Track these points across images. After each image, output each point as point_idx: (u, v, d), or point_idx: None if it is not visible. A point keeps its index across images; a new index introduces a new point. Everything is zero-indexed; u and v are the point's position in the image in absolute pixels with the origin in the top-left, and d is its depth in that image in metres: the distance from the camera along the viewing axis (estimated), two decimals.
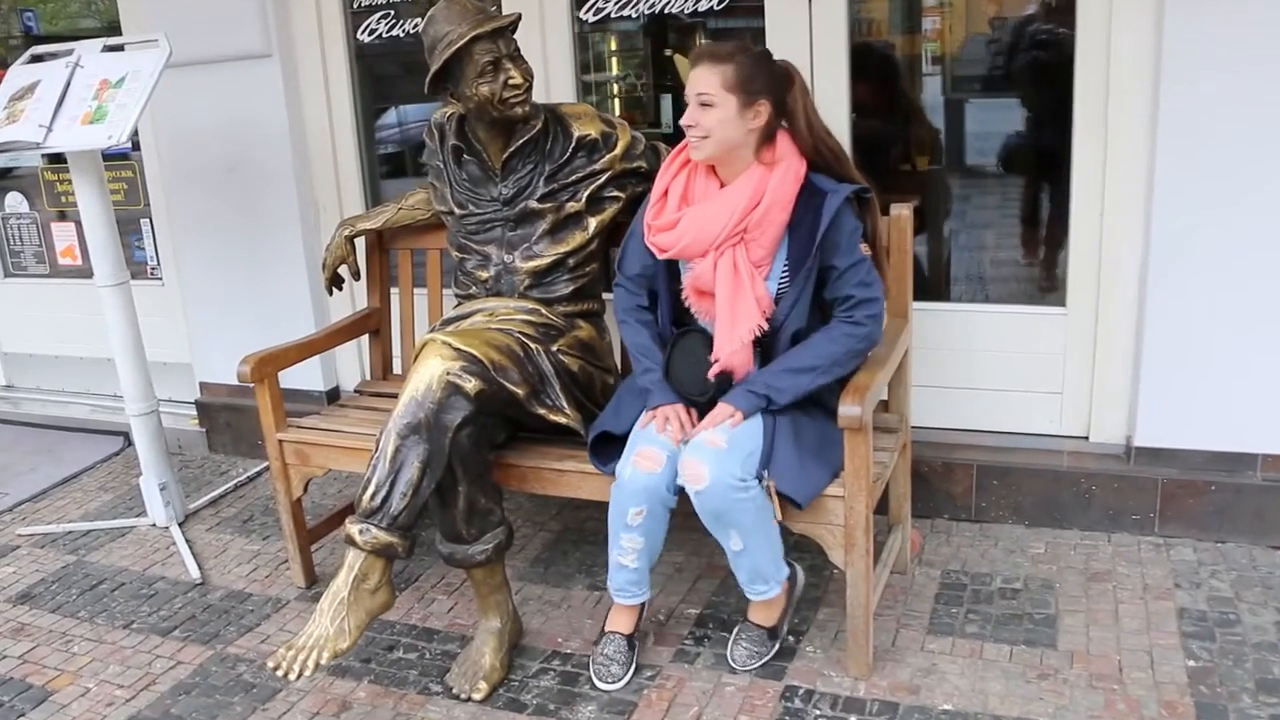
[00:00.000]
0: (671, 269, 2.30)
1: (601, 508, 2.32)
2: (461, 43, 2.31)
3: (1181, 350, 2.61)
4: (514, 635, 2.43)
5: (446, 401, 2.16)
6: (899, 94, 3.06)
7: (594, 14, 3.06)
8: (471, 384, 2.18)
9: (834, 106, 2.81)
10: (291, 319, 3.52)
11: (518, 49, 2.41)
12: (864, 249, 2.18)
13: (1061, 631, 2.36)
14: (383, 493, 2.14)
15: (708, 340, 2.24)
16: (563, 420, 2.37)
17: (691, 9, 2.95)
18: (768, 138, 2.15)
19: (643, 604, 2.37)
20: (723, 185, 2.20)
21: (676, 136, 3.19)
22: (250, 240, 3.53)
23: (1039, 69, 2.87)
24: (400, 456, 2.14)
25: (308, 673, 2.04)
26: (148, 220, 3.93)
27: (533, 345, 2.38)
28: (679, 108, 3.20)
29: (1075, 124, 2.67)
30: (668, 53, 3.19)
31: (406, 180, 3.63)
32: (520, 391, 2.28)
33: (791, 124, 2.17)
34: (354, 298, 3.41)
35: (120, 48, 2.99)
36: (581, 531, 3.03)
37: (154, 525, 3.26)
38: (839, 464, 2.16)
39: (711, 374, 2.21)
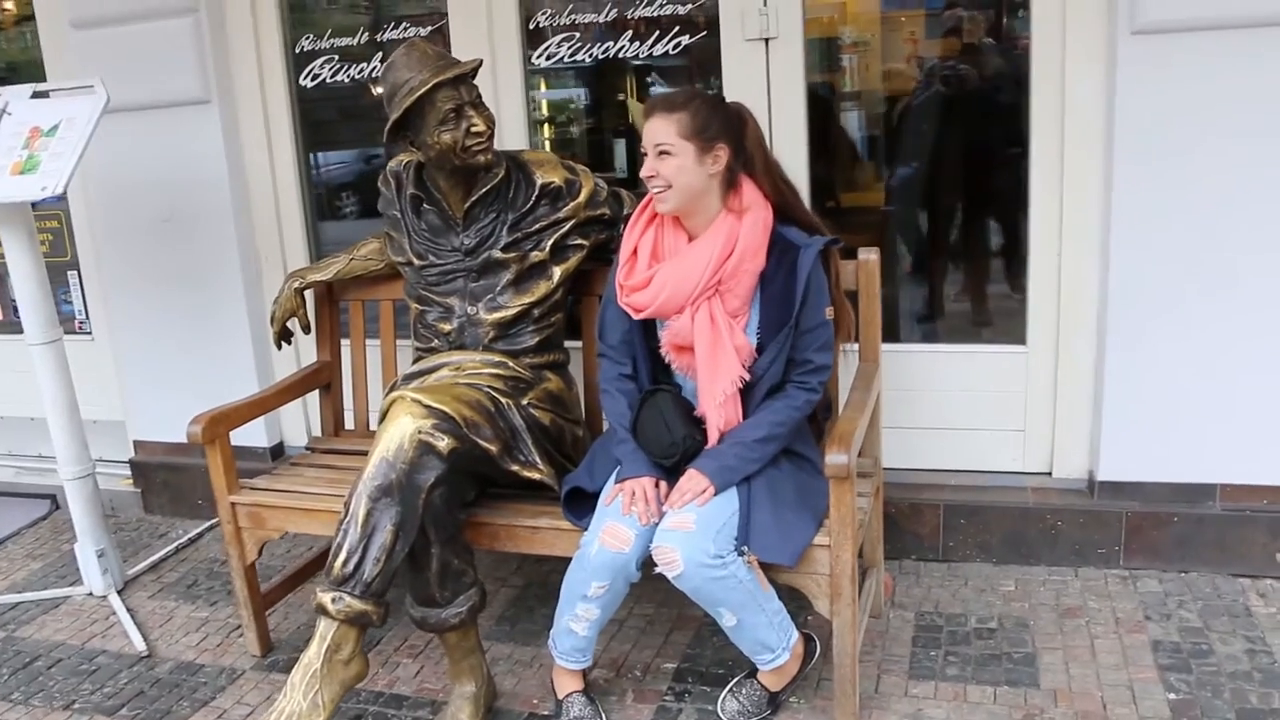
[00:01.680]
0: (647, 328, 2.26)
1: (565, 561, 2.26)
2: (424, 90, 2.25)
3: (1141, 386, 2.66)
4: (489, 698, 2.35)
5: (419, 461, 2.08)
6: (845, 136, 3.09)
7: (546, 59, 3.03)
8: (444, 442, 2.11)
9: (794, 148, 2.82)
10: (233, 374, 3.40)
11: (479, 96, 2.36)
12: (828, 313, 2.18)
13: (1042, 670, 2.36)
14: (355, 559, 2.04)
15: (676, 399, 2.21)
16: (536, 476, 2.31)
17: (646, 53, 2.94)
18: (731, 184, 2.13)
19: (587, 669, 2.31)
20: (691, 239, 2.17)
21: (631, 181, 3.19)
22: (188, 292, 3.40)
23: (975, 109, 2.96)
24: (373, 520, 2.05)
25: None
26: (75, 272, 3.76)
27: (503, 400, 2.31)
28: (632, 152, 3.20)
29: (1032, 164, 2.72)
30: (621, 98, 3.18)
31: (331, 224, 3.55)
32: (493, 448, 2.22)
33: (750, 167, 2.16)
34: (299, 352, 3.30)
35: (45, 94, 2.86)
36: (546, 586, 2.95)
37: (90, 594, 3.08)
38: (822, 511, 2.14)
39: (713, 432, 2.17)
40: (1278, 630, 2.45)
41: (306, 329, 2.84)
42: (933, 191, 3.11)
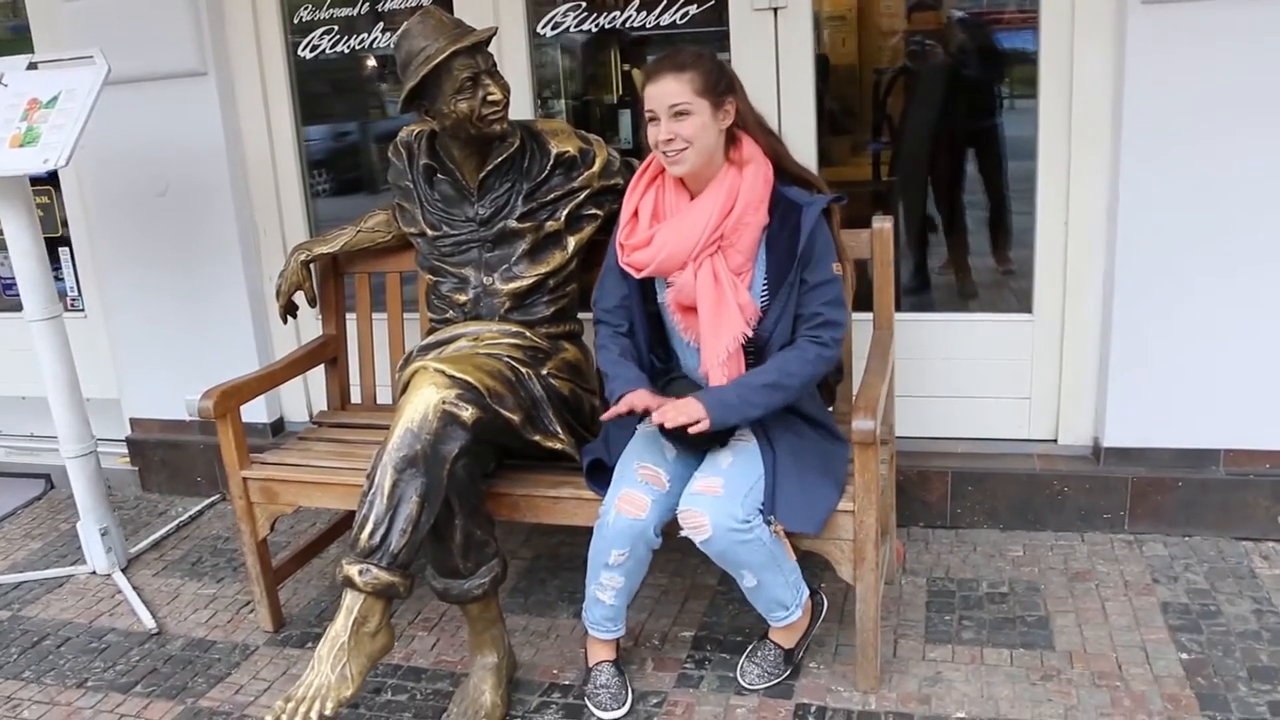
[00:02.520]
0: (646, 292, 2.25)
1: (573, 532, 2.27)
2: (440, 58, 2.23)
3: (1146, 353, 2.69)
4: (510, 669, 2.35)
5: (444, 432, 2.07)
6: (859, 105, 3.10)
7: (552, 29, 3.01)
8: (469, 413, 2.10)
9: (803, 119, 2.82)
10: (232, 350, 3.36)
11: (495, 64, 2.34)
12: (836, 268, 2.16)
13: (1056, 632, 2.40)
14: (381, 530, 2.03)
15: (695, 388, 2.20)
16: (558, 445, 2.30)
17: (653, 23, 2.92)
18: (731, 139, 2.14)
19: (619, 638, 2.32)
20: (693, 198, 2.17)
21: (636, 151, 3.18)
22: (185, 267, 3.36)
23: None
24: (398, 491, 2.04)
25: None
26: (66, 248, 3.70)
27: (523, 370, 2.30)
28: (637, 123, 3.18)
29: (1040, 132, 2.74)
30: (627, 68, 3.16)
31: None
32: (516, 418, 2.21)
33: (744, 121, 2.16)
34: (299, 328, 3.27)
35: (34, 65, 2.80)
36: (556, 558, 2.96)
37: (94, 573, 3.05)
38: (842, 478, 2.16)
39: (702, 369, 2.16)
40: None
41: (313, 302, 2.82)
42: (914, 166, 3.14)
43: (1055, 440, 2.92)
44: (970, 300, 3.11)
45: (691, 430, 2.03)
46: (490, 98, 2.29)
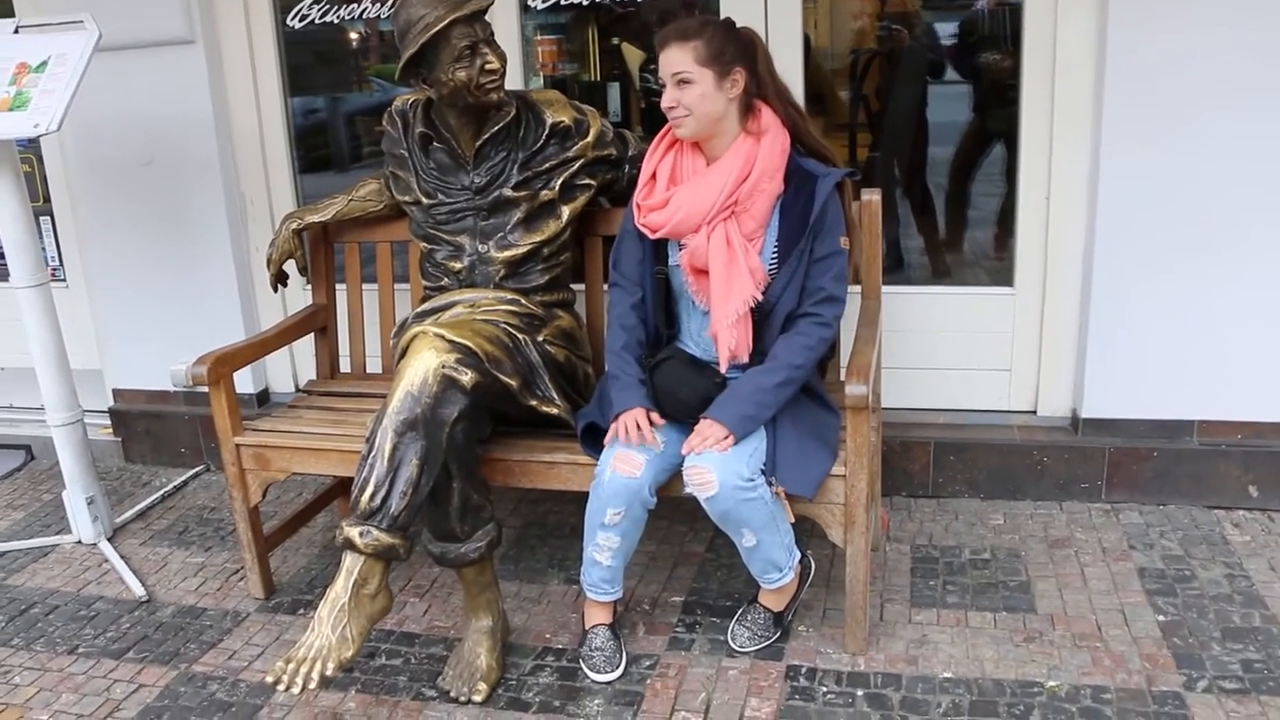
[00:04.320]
0: (658, 254, 2.29)
1: (560, 499, 2.30)
2: (439, 26, 2.24)
3: (1123, 326, 2.76)
4: (504, 633, 2.38)
5: (443, 395, 2.10)
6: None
7: (543, 1, 3.01)
8: (468, 377, 2.12)
9: (790, 84, 2.84)
10: (217, 319, 3.36)
11: (492, 33, 2.35)
12: (844, 242, 2.20)
13: (1037, 596, 2.47)
14: (382, 492, 2.05)
15: (688, 359, 2.26)
16: (554, 411, 2.33)
17: None
18: (748, 107, 2.17)
19: (616, 601, 2.36)
20: (710, 163, 2.20)
21: (625, 123, 3.20)
22: (169, 237, 3.34)
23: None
24: (399, 454, 2.06)
25: (312, 685, 1.95)
26: (48, 217, 3.66)
27: (520, 336, 2.33)
28: (626, 96, 3.21)
29: (1022, 107, 2.79)
30: (615, 41, 3.17)
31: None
32: (514, 383, 2.24)
33: (764, 92, 2.18)
34: (285, 299, 3.27)
35: (20, 29, 2.77)
36: (544, 525, 2.99)
37: (79, 542, 3.04)
38: (834, 444, 2.20)
39: (722, 354, 2.20)
40: (1253, 556, 2.58)
41: (304, 271, 2.82)
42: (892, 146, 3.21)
43: (1034, 411, 2.99)
44: (945, 275, 3.17)
45: (718, 450, 2.08)
46: (488, 66, 2.31)
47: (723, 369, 2.23)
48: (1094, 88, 2.68)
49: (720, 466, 2.07)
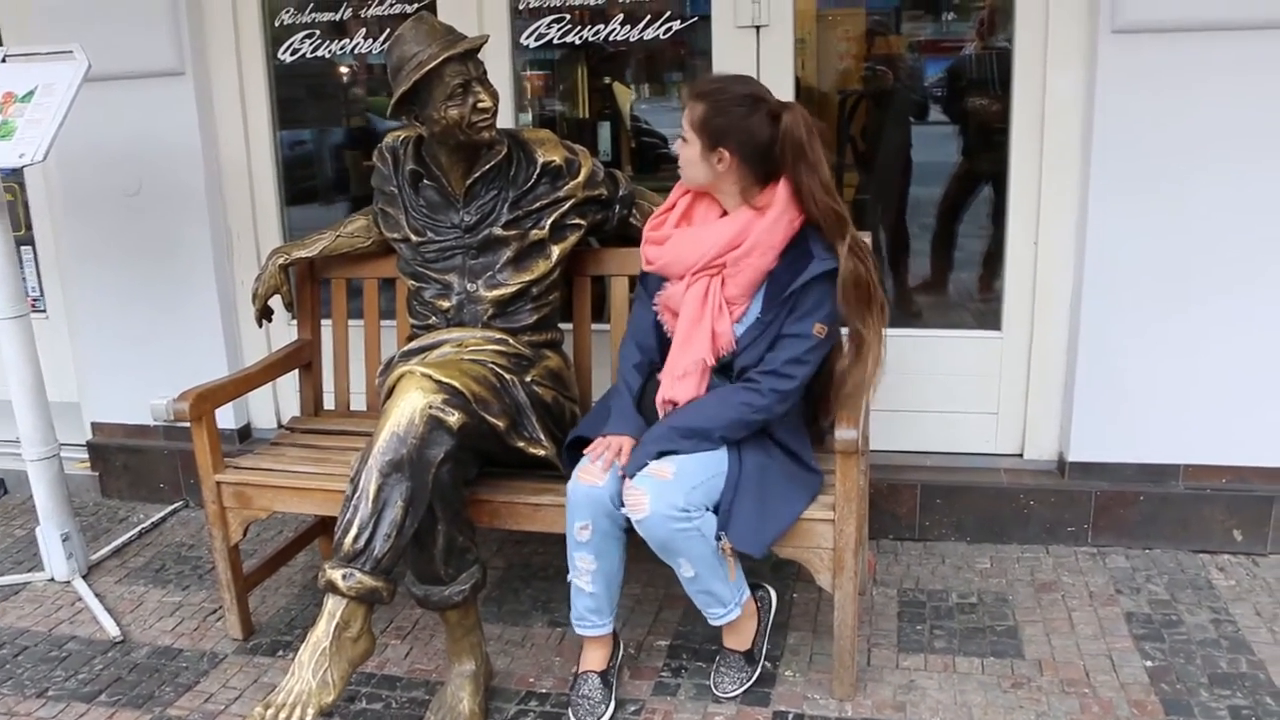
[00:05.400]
0: (657, 285, 2.28)
1: (545, 541, 2.29)
2: (433, 64, 2.24)
3: (1110, 370, 2.77)
4: (487, 677, 2.34)
5: (429, 436, 2.07)
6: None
7: (535, 40, 3.03)
8: (454, 417, 2.10)
9: None
10: (200, 354, 3.33)
11: (485, 72, 2.36)
12: (817, 330, 2.12)
13: (1025, 641, 2.45)
14: (366, 534, 2.02)
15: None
16: (541, 453, 2.31)
17: (636, 37, 2.95)
18: (755, 183, 2.12)
19: (610, 636, 2.31)
20: (723, 215, 2.20)
21: (616, 163, 3.21)
22: (153, 269, 3.31)
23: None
24: (383, 495, 2.03)
25: None
26: (29, 247, 3.62)
27: (507, 376, 2.31)
28: (617, 136, 3.22)
29: (1011, 152, 2.82)
30: (607, 81, 3.19)
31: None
32: (501, 424, 2.22)
33: (788, 170, 2.08)
34: (269, 334, 3.24)
35: (2, 59, 2.76)
36: (529, 566, 2.96)
37: (53, 580, 2.98)
38: (808, 494, 2.18)
39: (658, 400, 2.20)
40: (1238, 601, 2.58)
41: (290, 306, 2.79)
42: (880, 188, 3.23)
43: (1021, 455, 2.99)
44: (932, 317, 3.18)
45: (658, 476, 2.07)
46: (480, 105, 2.31)
47: (660, 413, 2.21)
48: (1082, 135, 2.70)
49: (656, 491, 2.04)
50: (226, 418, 3.39)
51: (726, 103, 2.09)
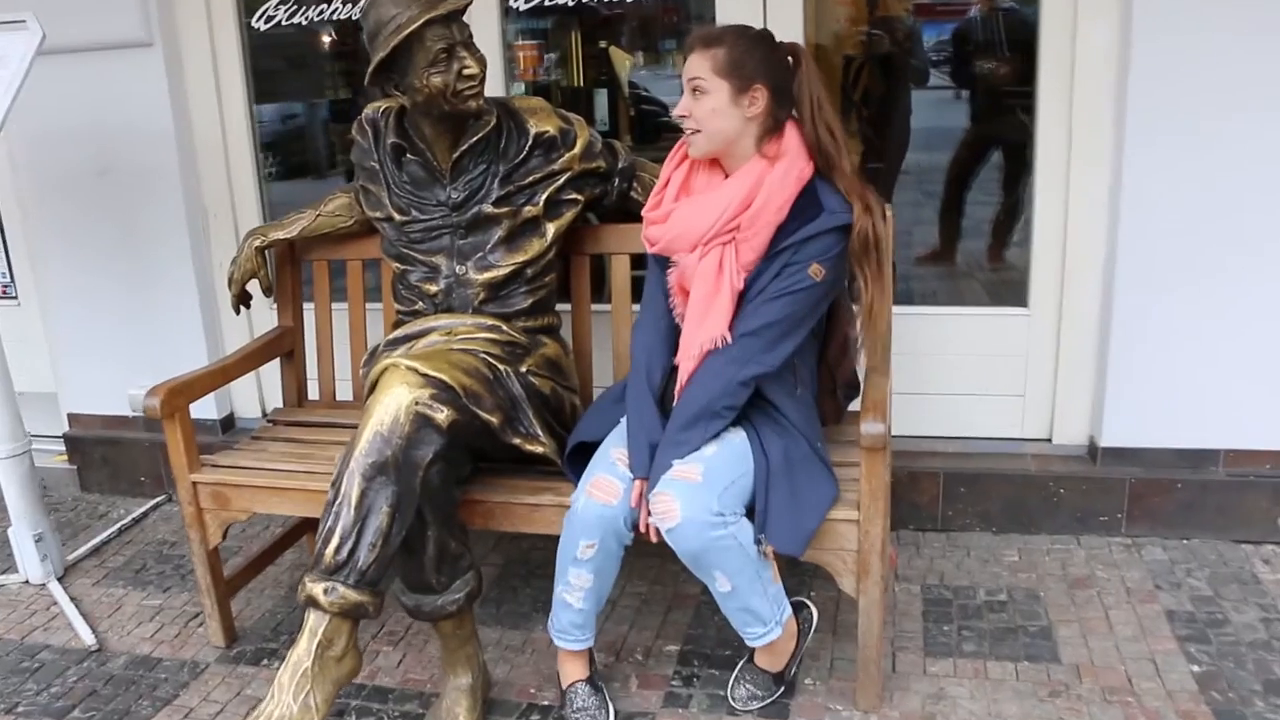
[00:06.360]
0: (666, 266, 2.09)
1: (545, 535, 2.12)
2: (413, 27, 2.04)
3: (1145, 349, 2.59)
4: (484, 689, 2.19)
5: (416, 435, 1.90)
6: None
7: (525, 1, 2.82)
8: (443, 414, 1.92)
9: None
10: (179, 340, 3.16)
11: (471, 35, 2.16)
12: (814, 271, 1.94)
13: (1060, 643, 2.29)
14: (349, 544, 1.85)
15: None
16: (539, 450, 2.14)
17: None
18: (772, 129, 1.96)
19: (589, 649, 2.15)
20: (728, 176, 2.01)
21: (614, 133, 3.02)
22: (128, 252, 3.13)
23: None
24: (367, 501, 1.86)
25: None
26: None
27: (501, 367, 2.13)
28: (614, 104, 3.02)
29: (1039, 116, 2.63)
30: (602, 45, 2.99)
31: None
32: (494, 420, 2.04)
33: (799, 113, 1.97)
34: (251, 319, 3.07)
35: None
36: (528, 564, 2.79)
37: (27, 583, 2.83)
38: (826, 497, 2.00)
39: (678, 388, 2.02)
40: None
41: (268, 291, 2.62)
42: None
43: (1050, 440, 2.82)
44: (953, 293, 3.01)
45: (688, 479, 1.90)
46: (466, 71, 2.11)
47: (677, 400, 2.02)
48: (1116, 89, 2.51)
49: (687, 496, 1.87)
50: (208, 408, 3.22)
51: (748, 42, 1.94)
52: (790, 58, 1.97)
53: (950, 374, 2.82)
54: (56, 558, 2.84)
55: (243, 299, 2.59)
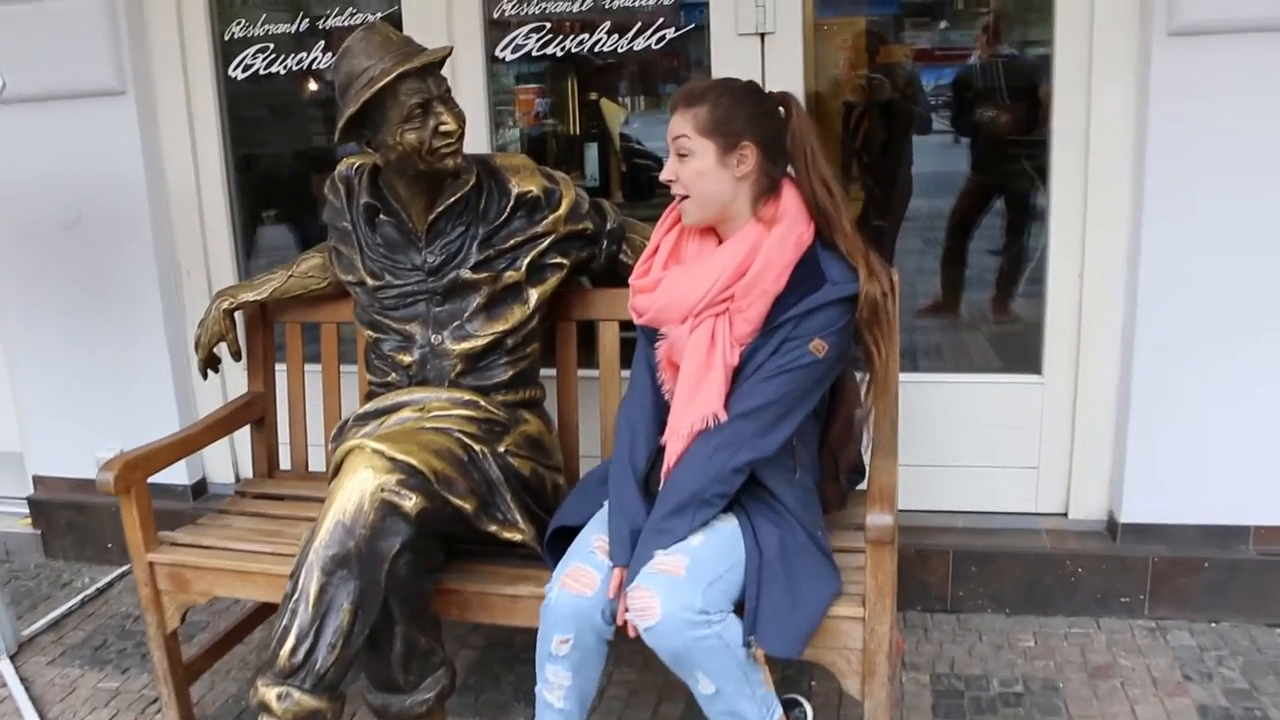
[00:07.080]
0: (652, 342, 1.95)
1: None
2: (385, 81, 1.91)
3: (1168, 418, 2.45)
4: None
5: (382, 525, 1.75)
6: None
7: (512, 51, 2.70)
8: (411, 502, 1.78)
9: None
10: (149, 401, 3.02)
11: (449, 90, 2.03)
12: (815, 347, 1.80)
13: None
14: (306, 645, 1.70)
15: None
16: (516, 537, 1.99)
17: (625, 48, 2.63)
18: (767, 189, 1.83)
19: None
20: (721, 242, 1.87)
21: (603, 189, 2.89)
22: (97, 307, 2.99)
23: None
24: (327, 597, 1.71)
25: None
26: None
27: (476, 448, 1.98)
28: (605, 157, 2.90)
29: (1052, 175, 2.50)
30: (593, 97, 2.87)
31: None
32: (468, 506, 1.89)
33: (794, 167, 1.84)
34: (225, 381, 2.93)
35: None
36: (510, 647, 2.61)
37: None
38: (833, 577, 1.85)
39: (664, 470, 1.87)
40: None
41: (237, 355, 2.47)
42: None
43: (1066, 514, 2.66)
44: (962, 359, 2.87)
45: (670, 573, 1.74)
46: (443, 128, 1.97)
47: (663, 483, 1.86)
48: (1134, 151, 2.38)
49: (668, 591, 1.70)
50: (179, 473, 3.07)
51: (733, 96, 1.80)
52: (781, 108, 1.84)
53: (959, 444, 2.66)
54: (10, 633, 2.68)
55: (210, 363, 2.45)
